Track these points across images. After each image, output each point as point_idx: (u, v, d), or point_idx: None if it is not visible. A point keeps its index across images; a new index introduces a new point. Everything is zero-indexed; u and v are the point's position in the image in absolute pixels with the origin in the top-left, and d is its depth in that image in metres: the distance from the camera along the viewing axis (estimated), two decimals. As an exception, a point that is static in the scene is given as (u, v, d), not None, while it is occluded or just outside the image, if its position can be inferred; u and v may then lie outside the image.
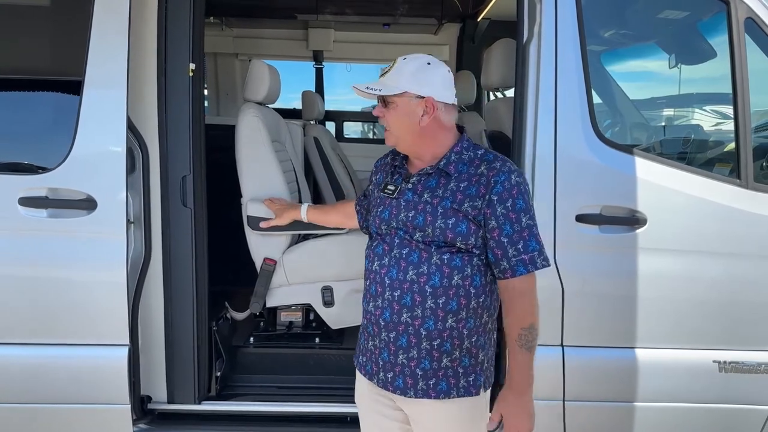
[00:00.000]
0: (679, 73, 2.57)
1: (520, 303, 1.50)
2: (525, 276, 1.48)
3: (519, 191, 1.48)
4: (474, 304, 1.52)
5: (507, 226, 1.46)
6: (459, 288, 1.50)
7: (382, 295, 1.54)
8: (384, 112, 1.56)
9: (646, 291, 2.14)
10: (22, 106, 2.17)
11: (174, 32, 2.13)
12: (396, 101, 1.53)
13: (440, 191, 1.51)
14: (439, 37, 4.53)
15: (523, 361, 1.49)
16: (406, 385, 1.55)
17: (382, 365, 1.57)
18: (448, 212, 1.48)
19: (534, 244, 1.48)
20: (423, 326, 1.51)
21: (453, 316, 1.51)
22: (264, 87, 2.63)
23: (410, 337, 1.52)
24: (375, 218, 1.62)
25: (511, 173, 1.49)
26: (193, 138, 2.20)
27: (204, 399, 2.35)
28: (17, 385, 2.14)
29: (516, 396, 1.50)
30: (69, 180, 2.05)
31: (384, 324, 1.54)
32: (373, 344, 1.60)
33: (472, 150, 1.57)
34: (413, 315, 1.51)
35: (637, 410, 2.21)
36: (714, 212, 2.12)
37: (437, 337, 1.51)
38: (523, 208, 1.48)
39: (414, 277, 1.50)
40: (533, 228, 1.49)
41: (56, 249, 2.07)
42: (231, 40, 4.60)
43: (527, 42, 2.11)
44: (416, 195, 1.54)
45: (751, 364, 2.18)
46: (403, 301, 1.51)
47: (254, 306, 2.59)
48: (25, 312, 2.11)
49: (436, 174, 1.54)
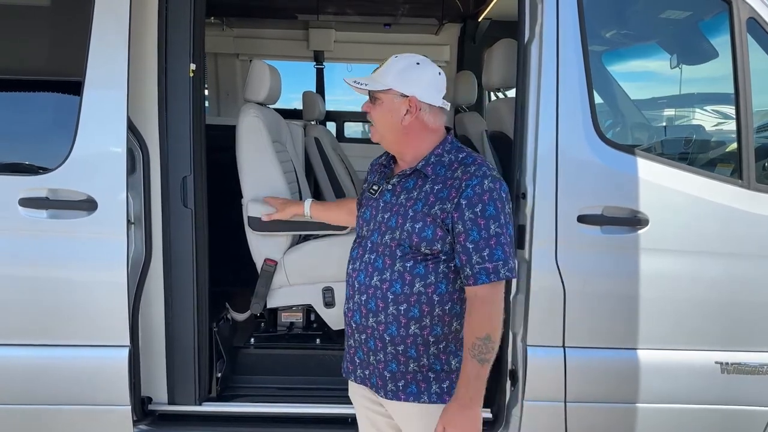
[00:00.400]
0: (681, 73, 2.56)
1: (478, 311, 1.45)
2: (487, 285, 1.44)
3: (491, 197, 1.44)
4: (439, 312, 1.50)
5: (474, 231, 1.43)
6: (421, 295, 1.48)
7: (352, 298, 1.58)
8: (370, 108, 1.56)
9: (648, 292, 2.13)
10: (22, 107, 2.17)
11: (174, 32, 2.13)
12: (381, 98, 1.52)
13: (415, 193, 1.51)
14: (440, 37, 4.53)
15: (472, 373, 1.43)
16: (377, 384, 1.57)
17: (359, 363, 1.61)
18: (417, 216, 1.47)
19: (499, 254, 1.43)
20: (386, 332, 1.51)
21: (416, 323, 1.49)
22: (265, 87, 2.63)
23: (376, 341, 1.53)
24: (359, 218, 1.65)
25: (485, 178, 1.45)
26: (194, 138, 2.19)
27: (205, 400, 2.35)
28: (17, 386, 2.13)
29: (459, 408, 1.44)
30: (69, 181, 2.05)
31: (355, 326, 1.57)
32: (348, 344, 1.65)
33: (453, 153, 1.55)
34: (377, 320, 1.51)
35: (639, 411, 2.20)
36: (716, 213, 2.12)
37: (401, 342, 1.51)
38: (492, 215, 1.43)
39: (378, 283, 1.50)
40: (501, 237, 1.44)
41: (56, 250, 2.07)
42: (232, 40, 4.60)
43: (528, 42, 2.10)
44: (394, 196, 1.54)
45: (754, 364, 2.17)
46: (369, 306, 1.52)
47: (255, 307, 2.58)
48: (25, 313, 2.10)
49: (414, 175, 1.54)
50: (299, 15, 4.41)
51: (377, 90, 1.52)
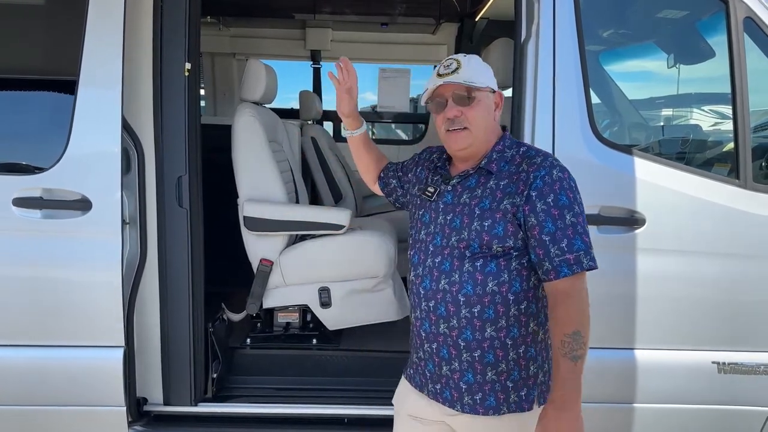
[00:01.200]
0: (678, 72, 2.56)
1: (563, 307, 1.36)
2: (570, 277, 1.36)
3: (562, 186, 1.38)
4: (515, 312, 1.42)
5: (548, 223, 1.36)
6: (495, 295, 1.41)
7: (419, 306, 1.50)
8: (463, 110, 1.46)
9: (645, 291, 2.13)
10: (16, 106, 2.15)
11: (169, 31, 2.12)
12: (479, 96, 1.46)
13: (479, 191, 1.45)
14: (437, 36, 4.52)
15: (566, 372, 1.34)
16: (452, 397, 1.48)
17: (429, 376, 1.52)
18: (485, 213, 1.41)
19: (579, 243, 1.36)
20: (460, 337, 1.43)
21: (492, 325, 1.42)
22: (261, 87, 2.62)
23: (450, 348, 1.45)
24: (416, 222, 1.56)
25: (553, 168, 1.40)
26: (189, 138, 2.18)
27: (200, 401, 2.33)
28: (12, 387, 2.12)
29: (557, 411, 1.34)
30: (63, 180, 2.03)
31: (425, 335, 1.49)
32: (418, 356, 1.55)
33: (514, 148, 1.49)
34: (450, 326, 1.44)
35: (636, 411, 2.20)
36: (713, 212, 2.12)
37: (477, 348, 1.43)
38: (566, 204, 1.37)
39: (446, 287, 1.43)
40: (578, 226, 1.37)
41: (51, 250, 2.06)
42: (228, 39, 4.59)
43: (525, 41, 2.10)
44: (455, 197, 1.48)
45: (751, 364, 2.17)
46: (439, 312, 1.45)
47: (251, 307, 2.58)
48: (19, 313, 2.09)
49: (477, 173, 1.48)
50: (296, 14, 4.39)
51: (481, 88, 1.46)
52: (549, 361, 1.48)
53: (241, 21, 4.48)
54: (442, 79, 1.45)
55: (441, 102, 1.48)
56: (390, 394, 1.79)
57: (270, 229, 2.50)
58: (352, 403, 2.38)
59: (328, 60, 4.68)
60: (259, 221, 2.48)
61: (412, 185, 1.68)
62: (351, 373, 2.58)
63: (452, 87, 1.45)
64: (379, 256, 2.54)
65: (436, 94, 1.49)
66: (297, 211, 2.53)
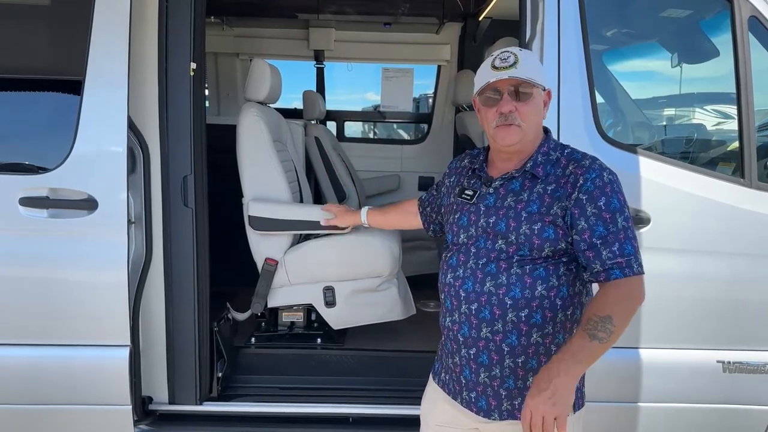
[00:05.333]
0: (682, 72, 2.56)
1: (605, 294, 1.32)
2: (620, 280, 1.33)
3: (613, 190, 1.35)
4: (561, 317, 1.39)
5: (600, 226, 1.33)
6: (543, 299, 1.37)
7: (458, 309, 1.44)
8: (517, 106, 1.41)
9: (650, 291, 2.08)
10: (22, 106, 2.16)
11: (175, 32, 2.12)
12: (533, 93, 1.42)
13: (525, 195, 1.41)
14: (440, 36, 4.52)
15: (576, 345, 1.26)
16: (489, 406, 1.44)
17: (465, 383, 1.47)
18: (534, 217, 1.37)
19: (630, 248, 1.33)
20: (505, 341, 1.39)
21: (538, 331, 1.38)
22: (265, 86, 2.63)
23: (491, 354, 1.40)
24: (452, 225, 1.51)
25: (603, 170, 1.37)
26: (194, 138, 2.18)
27: (205, 400, 2.34)
28: (18, 386, 2.13)
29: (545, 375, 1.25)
30: (69, 180, 2.04)
31: (463, 339, 1.44)
32: (453, 362, 1.49)
33: (559, 150, 1.46)
34: (493, 330, 1.39)
35: (640, 410, 2.20)
36: (718, 212, 2.11)
37: (521, 353, 1.39)
38: (617, 208, 1.34)
39: (492, 289, 1.38)
40: (629, 231, 1.34)
41: (57, 249, 2.06)
42: (232, 39, 4.59)
43: (529, 40, 2.10)
44: (498, 199, 1.44)
45: (756, 364, 2.17)
46: (482, 315, 1.40)
47: (255, 306, 2.58)
48: (25, 312, 2.10)
49: (521, 177, 1.44)
50: (299, 14, 4.40)
51: (537, 85, 1.42)
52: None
53: (244, 21, 4.49)
54: (502, 72, 1.39)
55: (494, 96, 1.43)
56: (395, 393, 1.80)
57: (275, 229, 2.50)
58: (357, 402, 2.38)
59: (331, 60, 4.69)
60: (264, 221, 2.49)
61: (446, 196, 1.64)
62: (356, 372, 2.58)
63: (509, 81, 1.40)
64: (383, 255, 2.54)
65: (489, 87, 1.42)
66: (301, 211, 2.54)
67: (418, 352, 2.59)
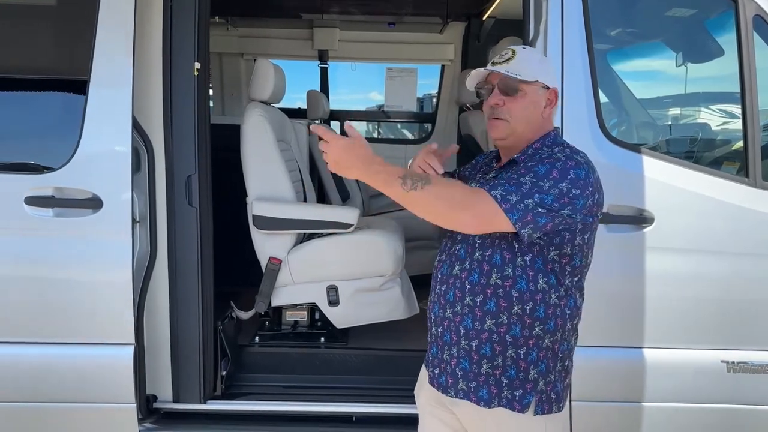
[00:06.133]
0: (686, 71, 2.55)
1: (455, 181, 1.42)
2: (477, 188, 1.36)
3: (553, 163, 1.34)
4: (518, 310, 1.40)
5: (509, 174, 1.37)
6: (498, 288, 1.41)
7: (434, 289, 1.54)
8: (507, 100, 1.45)
9: (654, 290, 2.12)
10: (29, 106, 2.18)
11: (179, 32, 2.13)
12: (525, 89, 1.44)
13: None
14: (444, 35, 4.53)
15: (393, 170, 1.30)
16: (447, 383, 1.51)
17: (431, 360, 1.57)
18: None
19: (511, 188, 1.32)
20: (462, 323, 1.45)
21: (492, 318, 1.42)
22: (269, 86, 2.64)
23: (452, 334, 1.48)
24: None
25: (569, 158, 1.37)
26: (199, 137, 2.20)
27: (209, 398, 2.35)
28: (24, 383, 2.14)
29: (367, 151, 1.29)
30: (75, 179, 2.05)
31: (434, 318, 1.54)
32: (427, 339, 1.59)
33: (557, 147, 1.46)
34: (454, 311, 1.47)
35: (645, 410, 2.20)
36: (722, 211, 2.11)
37: (475, 337, 1.44)
38: (540, 174, 1.32)
39: (458, 272, 1.46)
40: (524, 186, 1.31)
41: (62, 248, 2.08)
42: (236, 39, 4.61)
43: (533, 40, 2.10)
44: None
45: (761, 364, 2.16)
46: (448, 297, 1.48)
47: (259, 305, 2.59)
48: (31, 311, 2.11)
49: (508, 165, 1.50)
50: (303, 14, 4.41)
51: (527, 81, 1.44)
52: (555, 372, 1.46)
53: (248, 21, 4.50)
54: (495, 67, 1.46)
55: (488, 89, 1.49)
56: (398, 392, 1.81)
57: (278, 228, 2.51)
58: (360, 401, 2.39)
59: (336, 60, 4.70)
60: (268, 220, 2.50)
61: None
62: (359, 371, 2.59)
63: (498, 76, 1.45)
64: (386, 254, 2.55)
65: (486, 81, 1.50)
66: (305, 210, 2.55)
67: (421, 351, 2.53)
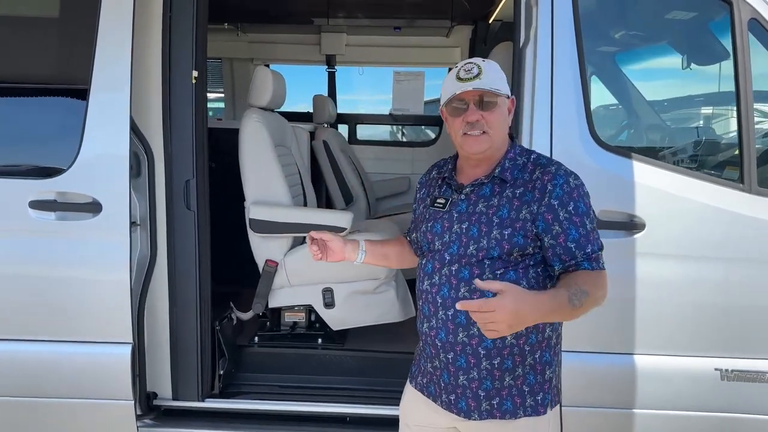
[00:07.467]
0: (681, 75, 2.52)
1: (579, 277, 1.38)
2: (590, 271, 1.41)
3: (579, 194, 1.43)
4: None
5: (572, 230, 1.40)
6: None
7: (435, 315, 1.48)
8: (486, 115, 1.46)
9: (646, 296, 2.11)
10: (33, 114, 2.26)
11: (177, 41, 2.20)
12: (499, 102, 1.47)
13: (495, 200, 1.46)
14: (450, 39, 4.54)
15: (558, 300, 1.31)
16: (469, 407, 1.48)
17: (444, 387, 1.51)
18: (505, 222, 1.42)
19: (597, 247, 1.43)
20: (481, 345, 1.44)
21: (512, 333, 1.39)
22: (267, 92, 2.69)
23: (468, 357, 1.45)
24: (426, 234, 1.54)
25: (569, 176, 1.44)
26: (196, 143, 2.25)
27: (207, 396, 2.41)
28: (25, 379, 2.23)
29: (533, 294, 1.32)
30: (75, 184, 2.13)
31: (441, 344, 1.48)
32: (432, 365, 1.54)
33: (525, 155, 1.52)
34: (469, 334, 1.44)
35: (636, 417, 2.18)
36: (715, 217, 2.08)
37: (497, 355, 1.44)
38: (584, 212, 1.42)
39: (467, 294, 1.43)
40: (596, 232, 1.44)
41: (64, 250, 2.16)
42: (246, 45, 4.69)
43: (524, 45, 2.11)
44: (470, 205, 1.48)
45: (754, 372, 2.13)
46: (458, 320, 1.44)
47: (257, 306, 2.65)
48: (34, 310, 2.19)
49: (491, 182, 1.49)
50: (311, 20, 4.47)
51: (501, 94, 1.47)
52: (557, 365, 1.53)
53: (258, 27, 4.58)
54: (466, 84, 1.44)
55: (460, 106, 1.47)
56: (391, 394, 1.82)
57: (274, 231, 2.56)
58: (354, 402, 2.42)
59: (343, 64, 4.75)
60: (264, 223, 2.55)
61: (417, 209, 1.68)
62: (354, 372, 2.63)
63: (474, 92, 1.45)
64: (381, 258, 2.57)
65: (455, 98, 1.47)
66: (300, 214, 2.59)
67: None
